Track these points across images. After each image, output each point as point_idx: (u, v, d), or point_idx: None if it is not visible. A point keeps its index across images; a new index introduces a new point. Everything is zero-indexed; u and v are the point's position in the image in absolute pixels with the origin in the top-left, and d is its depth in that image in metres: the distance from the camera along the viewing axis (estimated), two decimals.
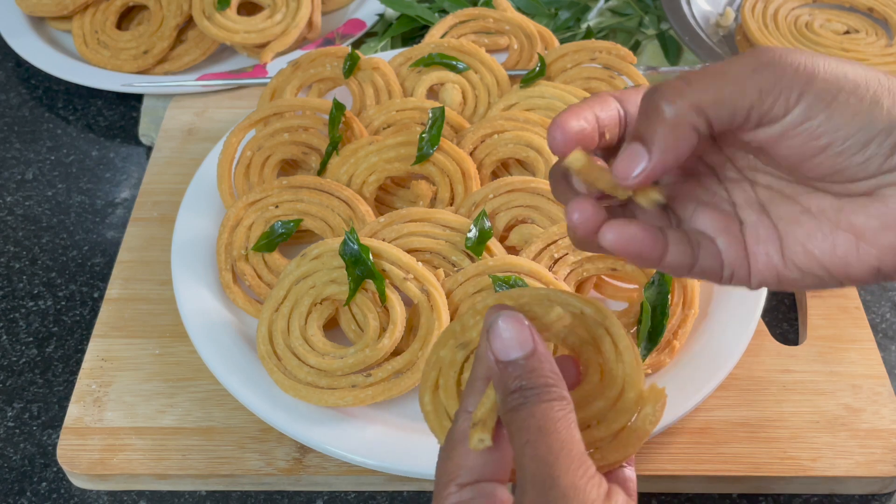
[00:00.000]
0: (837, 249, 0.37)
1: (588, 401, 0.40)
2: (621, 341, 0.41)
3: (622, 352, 0.41)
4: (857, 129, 0.35)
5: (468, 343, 0.41)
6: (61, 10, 0.87)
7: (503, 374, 0.37)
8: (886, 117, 0.35)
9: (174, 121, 0.80)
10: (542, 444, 0.35)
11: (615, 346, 0.41)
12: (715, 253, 0.39)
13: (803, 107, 0.35)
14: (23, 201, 0.77)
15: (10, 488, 0.57)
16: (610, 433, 0.39)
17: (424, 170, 0.65)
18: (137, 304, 0.65)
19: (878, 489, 0.56)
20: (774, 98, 0.35)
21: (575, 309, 0.42)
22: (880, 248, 0.37)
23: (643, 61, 0.88)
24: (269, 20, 0.84)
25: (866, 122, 0.35)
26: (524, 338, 0.37)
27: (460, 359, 0.41)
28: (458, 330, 0.42)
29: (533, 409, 0.35)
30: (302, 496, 0.56)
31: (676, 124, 0.36)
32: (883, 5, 0.87)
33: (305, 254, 0.59)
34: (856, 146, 0.35)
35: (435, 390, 0.41)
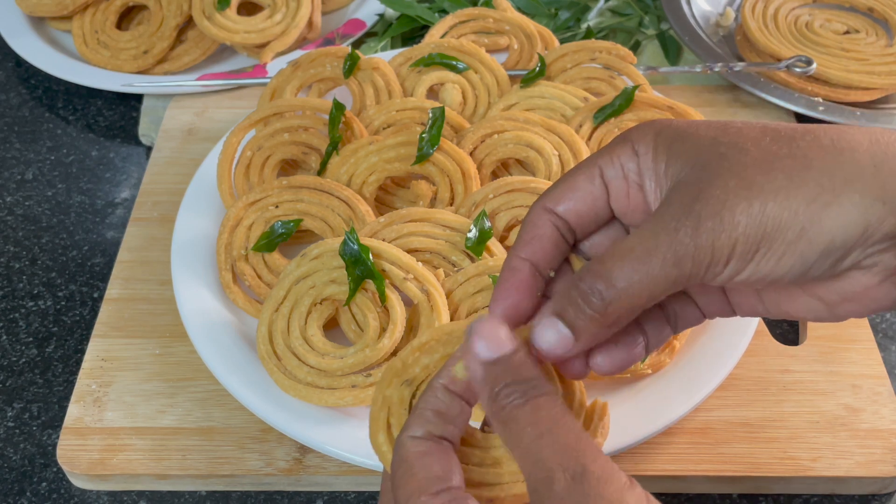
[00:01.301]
0: (809, 311, 0.39)
1: None
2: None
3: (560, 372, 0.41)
4: (788, 268, 0.35)
5: (412, 380, 0.41)
6: (61, 10, 0.87)
7: (489, 374, 0.36)
8: (818, 246, 0.34)
9: (174, 121, 0.80)
10: (563, 433, 0.34)
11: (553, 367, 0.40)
12: (696, 314, 0.41)
13: (730, 270, 0.35)
14: (23, 201, 0.77)
15: (10, 488, 0.57)
16: None
17: (424, 170, 0.65)
18: (137, 304, 0.65)
19: (878, 489, 0.56)
20: (701, 277, 0.35)
21: None
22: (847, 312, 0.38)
23: (643, 61, 0.88)
24: (269, 20, 0.84)
25: (797, 260, 0.35)
26: (507, 336, 0.37)
27: (408, 396, 0.41)
28: (400, 367, 0.42)
29: (538, 402, 0.35)
30: (302, 496, 0.56)
31: (606, 325, 0.36)
32: (883, 5, 0.87)
33: (305, 254, 0.59)
34: (796, 276, 0.35)
35: (388, 429, 0.41)
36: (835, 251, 0.35)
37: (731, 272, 0.35)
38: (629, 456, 0.55)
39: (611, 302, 0.36)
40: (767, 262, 0.35)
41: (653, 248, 0.35)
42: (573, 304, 0.36)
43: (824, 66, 0.80)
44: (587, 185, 0.39)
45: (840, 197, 0.34)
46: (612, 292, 0.35)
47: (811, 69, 0.79)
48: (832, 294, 0.37)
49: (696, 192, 0.35)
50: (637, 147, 0.38)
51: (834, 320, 0.39)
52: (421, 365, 0.41)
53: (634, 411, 0.54)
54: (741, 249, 0.35)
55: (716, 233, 0.34)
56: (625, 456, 0.55)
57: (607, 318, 0.36)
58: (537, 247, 0.39)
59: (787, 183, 0.34)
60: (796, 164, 0.35)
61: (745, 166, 0.35)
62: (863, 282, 0.36)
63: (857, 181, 0.34)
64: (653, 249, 0.35)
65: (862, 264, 0.35)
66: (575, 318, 0.36)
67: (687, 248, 0.35)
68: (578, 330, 0.36)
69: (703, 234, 0.35)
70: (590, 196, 0.39)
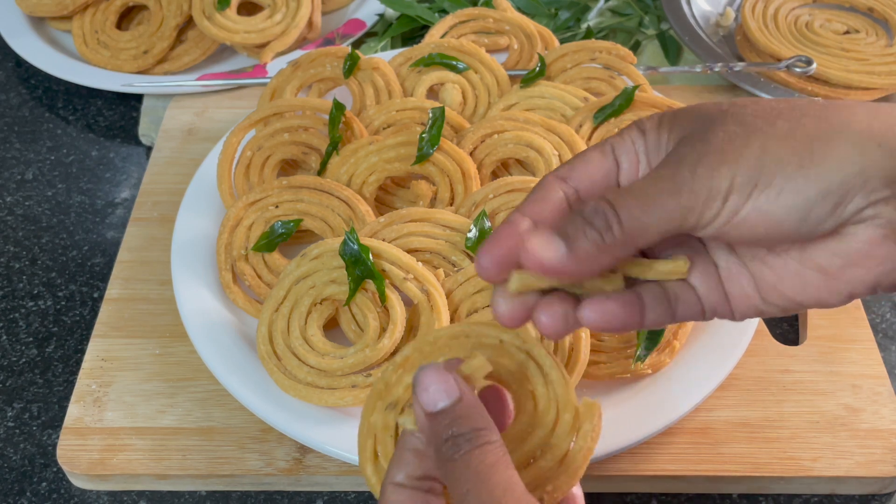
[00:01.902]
0: (808, 288, 0.38)
1: (528, 432, 0.40)
2: (545, 362, 0.40)
3: (548, 373, 0.40)
4: (789, 206, 0.35)
5: (396, 402, 0.41)
6: (61, 10, 0.87)
7: (433, 425, 0.37)
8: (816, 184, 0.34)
9: (174, 121, 0.80)
10: (484, 491, 0.35)
11: (540, 369, 0.40)
12: (694, 300, 0.40)
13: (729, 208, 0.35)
14: (23, 201, 0.77)
15: (10, 488, 0.57)
16: (556, 461, 0.39)
17: (424, 170, 0.65)
18: (137, 304, 0.65)
19: (878, 489, 0.56)
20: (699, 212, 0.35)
21: (493, 340, 0.41)
22: (848, 282, 0.37)
23: (643, 61, 0.88)
24: (268, 20, 0.84)
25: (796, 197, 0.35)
26: (449, 387, 0.37)
27: (392, 421, 0.40)
28: (383, 389, 0.41)
29: (468, 457, 0.36)
30: (302, 496, 0.56)
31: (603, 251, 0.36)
32: (883, 5, 0.87)
33: (305, 254, 0.59)
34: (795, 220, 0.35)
35: (375, 460, 0.40)
36: (834, 192, 0.34)
37: (730, 209, 0.35)
38: (629, 456, 0.55)
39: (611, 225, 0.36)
40: (767, 196, 0.35)
41: (655, 180, 0.36)
42: (573, 223, 0.36)
43: (824, 66, 0.80)
44: (599, 157, 0.40)
45: (837, 138, 0.35)
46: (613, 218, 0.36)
47: (811, 69, 0.79)
48: (833, 258, 0.36)
49: (700, 137, 0.36)
50: (643, 126, 0.40)
51: (837, 301, 0.38)
52: (404, 384, 0.41)
53: (634, 411, 0.54)
54: (740, 181, 0.35)
55: (714, 166, 0.35)
56: (625, 456, 0.55)
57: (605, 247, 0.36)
58: (542, 207, 0.39)
59: (787, 126, 0.35)
60: (794, 113, 0.36)
61: (746, 115, 0.36)
62: (865, 237, 0.35)
63: (854, 125, 0.35)
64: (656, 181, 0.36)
65: (863, 215, 0.35)
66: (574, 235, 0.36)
67: (685, 180, 0.35)
68: (575, 249, 0.36)
69: (703, 167, 0.35)
70: (601, 168, 0.40)
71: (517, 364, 0.41)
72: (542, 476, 0.39)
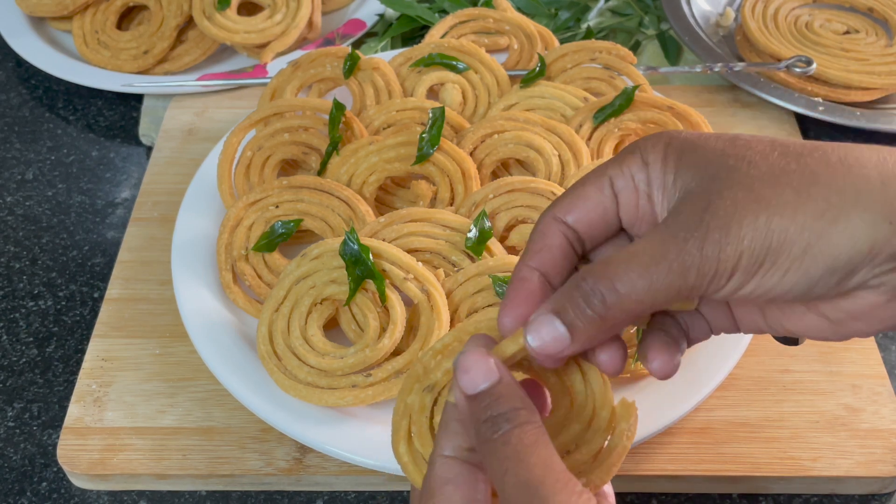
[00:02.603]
0: (812, 329, 0.38)
1: (563, 426, 0.40)
2: (583, 363, 0.40)
3: (586, 373, 0.40)
4: (793, 284, 0.35)
5: (434, 385, 0.41)
6: (61, 10, 0.87)
7: (473, 408, 0.36)
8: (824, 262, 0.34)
9: (174, 121, 0.80)
10: (523, 469, 0.34)
11: (579, 366, 0.40)
12: (704, 328, 0.41)
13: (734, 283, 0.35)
14: (23, 201, 0.77)
15: (11, 488, 0.57)
16: (590, 455, 0.39)
17: (424, 170, 0.65)
18: (137, 304, 0.65)
19: (878, 489, 0.56)
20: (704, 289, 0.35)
21: None
22: (853, 331, 0.37)
23: (643, 61, 0.88)
24: (269, 20, 0.84)
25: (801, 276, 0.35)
26: (488, 368, 0.37)
27: (429, 403, 0.41)
28: (421, 373, 0.41)
29: (507, 436, 0.35)
30: (302, 496, 0.56)
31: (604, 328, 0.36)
32: (883, 5, 0.87)
33: (305, 254, 0.59)
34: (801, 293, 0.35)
35: (409, 439, 0.41)
36: (840, 269, 0.34)
37: (735, 286, 0.35)
38: (629, 456, 0.55)
39: (612, 305, 0.35)
40: (772, 277, 0.35)
41: (660, 255, 0.35)
42: (573, 303, 0.36)
43: (824, 66, 0.80)
44: (597, 194, 0.39)
45: (847, 214, 0.34)
46: (614, 296, 0.35)
47: (811, 69, 0.79)
48: (837, 312, 0.37)
49: (706, 203, 0.35)
50: (646, 157, 0.38)
51: (838, 339, 0.38)
52: (442, 369, 0.41)
53: None
54: (746, 263, 0.35)
55: (722, 245, 0.34)
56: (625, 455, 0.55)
57: (606, 321, 0.36)
58: (547, 256, 0.39)
59: (795, 198, 0.34)
60: (804, 180, 0.35)
61: (754, 179, 0.35)
62: (869, 301, 0.36)
63: (865, 199, 0.34)
64: (659, 257, 0.35)
65: (868, 284, 0.35)
66: (574, 317, 0.36)
67: (693, 259, 0.35)
68: (576, 330, 0.36)
69: (710, 245, 0.34)
70: (600, 206, 0.39)
71: None
72: (576, 469, 0.38)
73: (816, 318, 0.38)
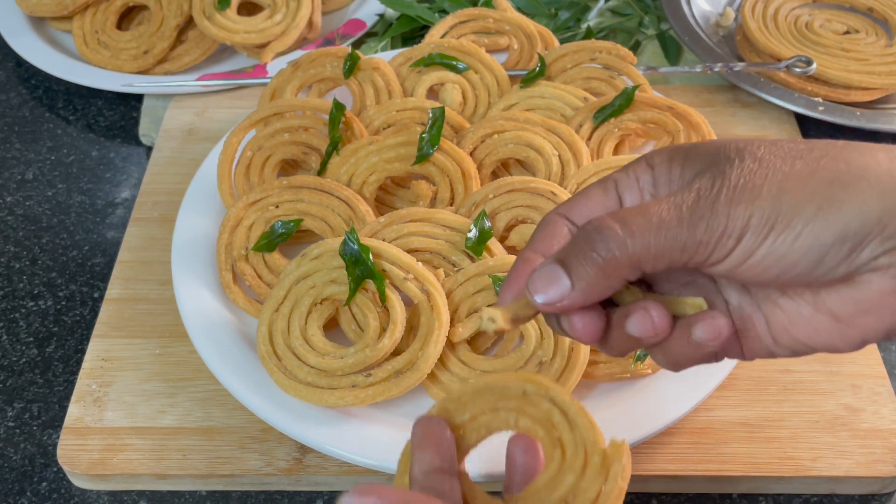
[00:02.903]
0: (820, 333, 0.37)
1: (558, 479, 0.40)
2: (569, 409, 0.41)
3: (573, 419, 0.41)
4: (805, 250, 0.34)
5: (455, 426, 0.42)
6: (61, 11, 0.87)
7: None
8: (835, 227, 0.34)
9: (174, 121, 0.80)
10: None
11: (565, 416, 0.41)
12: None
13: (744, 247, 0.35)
14: (23, 201, 0.77)
15: (11, 488, 0.57)
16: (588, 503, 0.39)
17: (424, 170, 0.65)
18: (137, 304, 0.65)
19: (878, 489, 0.56)
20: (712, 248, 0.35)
21: (517, 391, 0.42)
22: (861, 329, 0.37)
23: (643, 61, 0.88)
24: (269, 20, 0.84)
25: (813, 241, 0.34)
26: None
27: None
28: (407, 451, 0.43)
29: None
30: (302, 496, 0.56)
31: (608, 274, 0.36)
32: (883, 5, 0.87)
33: (305, 254, 0.59)
34: (810, 264, 0.35)
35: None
36: (851, 237, 0.34)
37: (744, 251, 0.35)
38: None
39: (616, 248, 0.35)
40: (784, 240, 0.34)
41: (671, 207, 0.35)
42: (577, 250, 0.36)
43: (824, 66, 0.80)
44: (601, 195, 0.40)
45: (857, 183, 0.34)
46: (618, 241, 0.35)
47: (811, 69, 0.79)
48: (847, 305, 0.36)
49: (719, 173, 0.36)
50: (652, 161, 0.39)
51: (848, 347, 0.37)
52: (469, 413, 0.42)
53: (634, 411, 0.54)
54: (756, 222, 0.34)
55: (733, 204, 0.34)
56: None
57: (609, 267, 0.35)
58: (550, 243, 0.39)
59: (805, 168, 0.35)
60: (813, 156, 0.35)
61: (765, 155, 0.36)
62: (879, 286, 0.35)
63: (873, 171, 0.35)
64: (671, 208, 0.35)
65: (878, 263, 0.35)
66: (577, 264, 0.36)
67: (703, 213, 0.35)
68: (577, 278, 0.36)
69: (722, 204, 0.35)
70: (602, 205, 0.39)
71: (543, 412, 0.41)
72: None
73: (826, 321, 0.37)
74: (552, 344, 0.55)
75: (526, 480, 0.43)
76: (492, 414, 0.42)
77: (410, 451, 0.42)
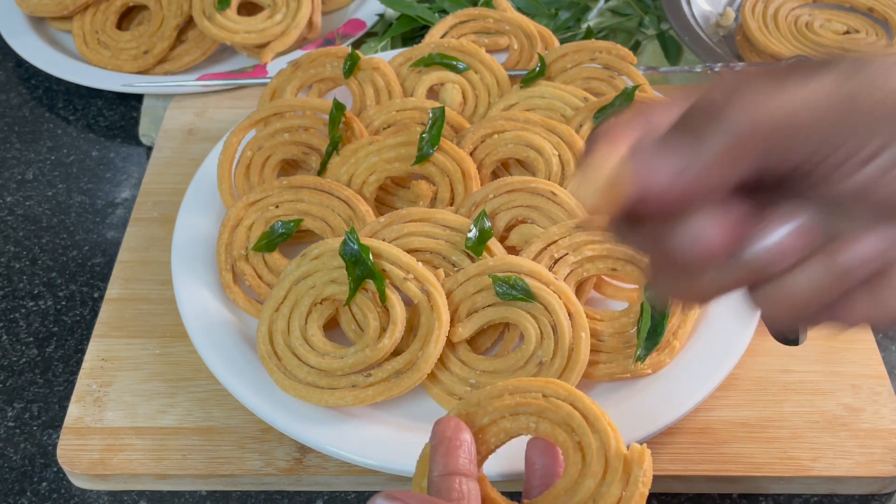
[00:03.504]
0: None
1: (579, 483, 0.40)
2: (590, 413, 0.41)
3: (593, 422, 0.40)
4: None
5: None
6: (62, 11, 0.87)
7: None
8: None
9: (174, 121, 0.80)
10: None
11: (586, 419, 0.41)
12: None
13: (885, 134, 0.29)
14: (23, 201, 0.77)
15: (11, 488, 0.57)
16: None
17: (424, 170, 0.65)
18: (138, 304, 0.65)
19: (877, 489, 0.56)
20: (859, 143, 0.29)
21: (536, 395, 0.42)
22: None
23: (643, 61, 0.88)
24: (269, 20, 0.84)
25: None
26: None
27: None
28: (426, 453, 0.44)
29: None
30: (302, 496, 0.57)
31: (736, 151, 0.30)
32: (883, 5, 0.87)
33: (305, 254, 0.59)
34: None
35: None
36: None
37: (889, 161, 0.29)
38: None
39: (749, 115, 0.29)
40: None
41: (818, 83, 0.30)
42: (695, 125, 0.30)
43: None
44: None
45: None
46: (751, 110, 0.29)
47: None
48: None
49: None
50: None
51: None
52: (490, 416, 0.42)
53: (634, 411, 0.54)
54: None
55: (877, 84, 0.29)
56: None
57: (741, 140, 0.29)
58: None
59: None
60: None
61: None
62: None
63: None
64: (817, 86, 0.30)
65: None
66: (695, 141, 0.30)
67: (857, 84, 0.29)
68: (693, 153, 0.30)
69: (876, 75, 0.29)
70: None
71: (563, 416, 0.41)
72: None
73: None
74: (552, 344, 0.55)
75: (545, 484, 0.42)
76: (512, 418, 0.42)
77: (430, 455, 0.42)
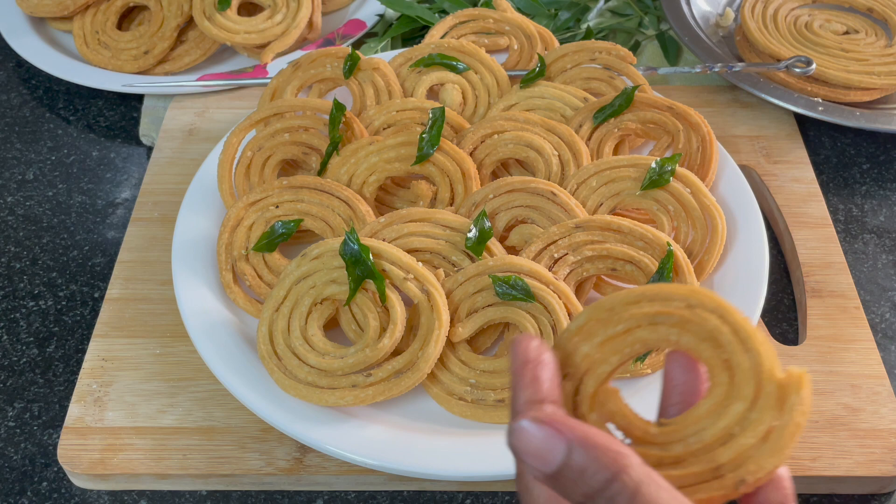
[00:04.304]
0: None
1: (724, 405, 0.35)
2: (741, 328, 0.35)
3: (745, 339, 0.35)
4: None
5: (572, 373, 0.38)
6: (62, 11, 0.87)
7: (558, 487, 0.32)
8: None
9: (175, 121, 0.80)
10: None
11: (737, 335, 0.35)
12: None
13: None
14: (23, 201, 0.77)
15: (11, 488, 0.57)
16: (758, 438, 0.34)
17: (424, 170, 0.65)
18: (138, 304, 0.65)
19: (877, 489, 0.56)
20: None
21: (679, 304, 0.36)
22: None
23: (643, 61, 0.88)
24: (269, 21, 0.84)
25: None
26: (551, 442, 0.32)
27: (570, 392, 0.37)
28: (563, 358, 0.38)
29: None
30: (302, 496, 0.57)
31: None
32: (882, 5, 0.87)
33: (306, 254, 0.59)
34: None
35: None
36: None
37: None
38: None
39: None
40: None
41: None
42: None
43: (824, 66, 0.80)
44: None
45: None
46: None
47: (811, 69, 0.79)
48: None
49: None
50: None
51: None
52: (581, 354, 0.37)
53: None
54: None
55: None
56: None
57: None
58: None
59: None
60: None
61: None
62: None
63: None
64: None
65: None
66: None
67: None
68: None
69: None
70: None
71: (709, 330, 0.36)
72: (744, 454, 0.34)
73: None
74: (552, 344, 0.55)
75: (686, 402, 0.38)
76: (650, 328, 0.37)
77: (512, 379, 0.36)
